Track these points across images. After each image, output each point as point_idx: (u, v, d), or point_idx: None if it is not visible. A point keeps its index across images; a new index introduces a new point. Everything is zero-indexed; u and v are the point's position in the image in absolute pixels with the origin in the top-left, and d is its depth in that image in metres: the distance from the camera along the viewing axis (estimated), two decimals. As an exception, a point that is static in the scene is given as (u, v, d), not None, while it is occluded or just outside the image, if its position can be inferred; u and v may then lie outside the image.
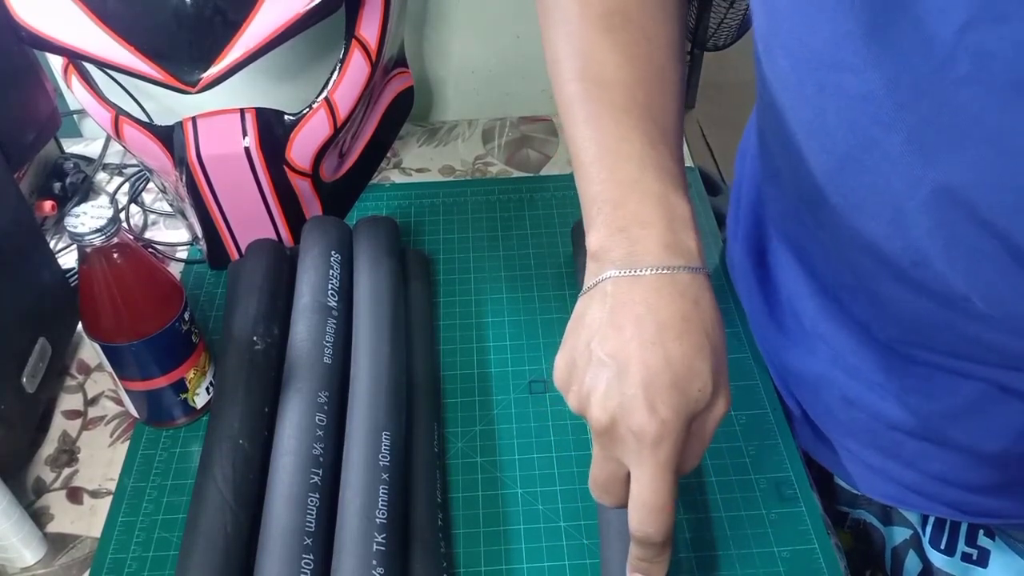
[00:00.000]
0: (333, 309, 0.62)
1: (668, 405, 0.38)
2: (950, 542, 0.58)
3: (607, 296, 0.40)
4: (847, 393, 0.53)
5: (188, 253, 0.76)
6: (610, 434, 0.39)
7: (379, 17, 0.68)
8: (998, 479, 0.50)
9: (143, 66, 0.61)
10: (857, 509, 0.66)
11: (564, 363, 0.42)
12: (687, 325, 0.39)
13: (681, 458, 0.39)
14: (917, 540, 0.61)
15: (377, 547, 0.48)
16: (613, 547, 0.50)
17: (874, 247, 0.42)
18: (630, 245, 0.40)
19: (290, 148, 0.68)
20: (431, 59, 0.89)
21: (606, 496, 0.42)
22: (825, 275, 0.50)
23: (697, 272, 0.40)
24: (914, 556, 0.61)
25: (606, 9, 0.46)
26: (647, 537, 0.40)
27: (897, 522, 0.63)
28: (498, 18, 0.86)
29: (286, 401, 0.56)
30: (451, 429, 0.61)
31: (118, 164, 0.85)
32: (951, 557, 0.58)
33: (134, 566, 0.54)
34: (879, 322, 0.48)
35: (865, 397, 0.51)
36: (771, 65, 0.42)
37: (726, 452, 0.59)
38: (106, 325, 0.54)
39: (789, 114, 0.42)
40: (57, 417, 0.63)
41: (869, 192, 0.39)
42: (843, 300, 0.50)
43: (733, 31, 1.88)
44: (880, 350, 0.49)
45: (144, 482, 0.58)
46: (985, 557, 0.57)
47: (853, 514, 0.67)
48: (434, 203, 0.80)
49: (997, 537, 0.57)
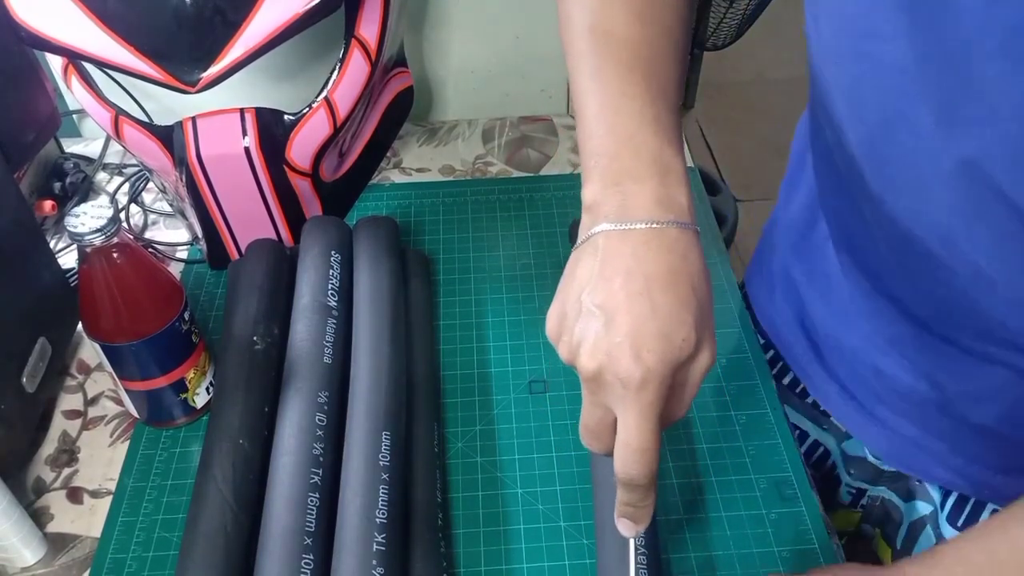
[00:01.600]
0: (333, 309, 0.62)
1: (653, 353, 0.39)
2: (968, 521, 0.58)
3: (598, 249, 0.41)
4: (879, 365, 0.54)
5: (188, 253, 0.76)
6: (598, 381, 0.40)
7: (379, 17, 0.68)
8: (1018, 461, 0.51)
9: (143, 66, 0.61)
10: (879, 486, 0.67)
11: (555, 315, 0.43)
12: (674, 278, 0.40)
13: (667, 407, 0.41)
14: (935, 516, 0.62)
15: (377, 547, 0.48)
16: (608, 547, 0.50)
17: (904, 223, 0.42)
18: (623, 199, 0.41)
19: (290, 148, 0.68)
20: (431, 59, 0.89)
21: (595, 442, 0.43)
22: (865, 250, 0.51)
23: (686, 227, 0.42)
24: (930, 532, 0.61)
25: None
26: (631, 479, 0.41)
27: (919, 496, 0.63)
28: (498, 18, 0.86)
29: (286, 401, 0.56)
30: (451, 429, 0.61)
31: (118, 164, 0.85)
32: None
33: (134, 566, 0.54)
34: (913, 300, 0.49)
35: (897, 372, 0.53)
36: (816, 33, 0.43)
37: (726, 452, 0.59)
38: (106, 325, 0.54)
39: (831, 83, 0.43)
40: (57, 417, 0.63)
41: (897, 166, 0.40)
42: (881, 276, 0.51)
43: (733, 31, 1.88)
44: (913, 329, 0.50)
45: (144, 482, 0.58)
46: None
47: (872, 491, 0.67)
48: (434, 203, 0.80)
49: None
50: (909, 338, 0.51)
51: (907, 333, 0.51)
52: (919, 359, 0.51)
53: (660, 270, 0.40)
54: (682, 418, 0.43)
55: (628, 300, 0.40)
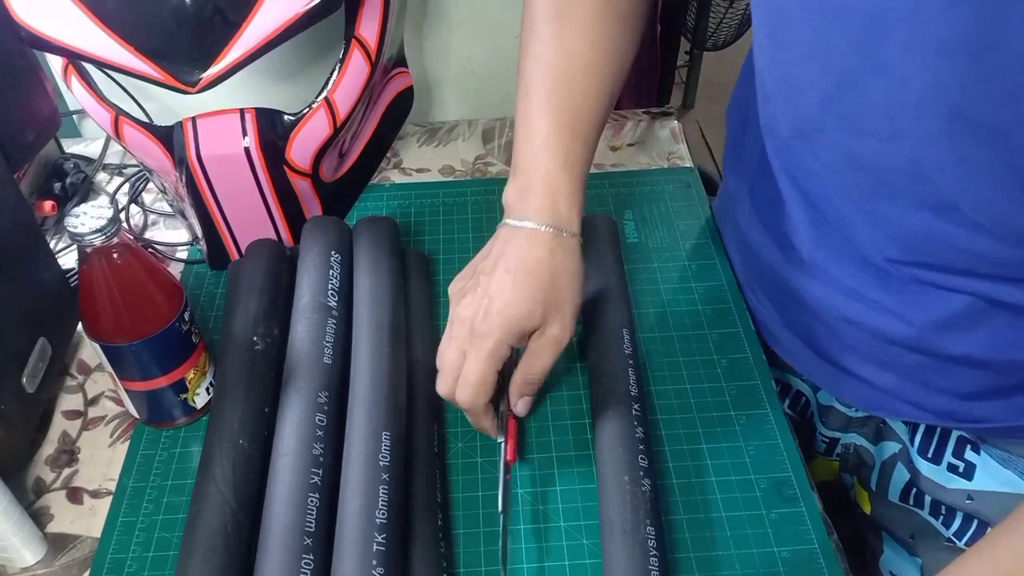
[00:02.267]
0: (333, 309, 0.62)
1: (501, 315, 0.53)
2: (937, 451, 0.62)
3: (498, 238, 0.56)
4: (846, 312, 0.57)
5: (188, 253, 0.76)
6: (463, 324, 0.54)
7: (379, 17, 0.68)
8: (986, 385, 0.55)
9: (143, 66, 0.61)
10: (849, 432, 0.69)
11: (461, 275, 0.58)
12: (536, 265, 0.53)
13: (526, 365, 0.55)
14: (905, 453, 0.64)
15: (377, 547, 0.48)
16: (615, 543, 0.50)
17: (873, 165, 0.47)
18: (521, 205, 0.56)
19: (290, 148, 0.68)
20: (431, 59, 0.89)
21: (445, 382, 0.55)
22: (823, 204, 0.54)
23: (561, 232, 0.54)
24: (902, 468, 0.65)
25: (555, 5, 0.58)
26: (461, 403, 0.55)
27: (887, 437, 0.66)
28: (498, 18, 0.86)
29: (286, 401, 0.56)
30: (451, 429, 0.61)
31: (118, 164, 0.85)
32: (937, 466, 0.62)
33: (134, 566, 0.54)
34: (877, 243, 0.52)
35: (863, 315, 0.56)
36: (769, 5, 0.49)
37: (726, 452, 0.60)
38: (106, 325, 0.54)
39: (789, 44, 0.48)
40: (57, 417, 0.63)
41: (868, 109, 0.45)
42: (841, 227, 0.54)
43: (732, 30, 1.88)
44: (877, 273, 0.53)
45: (144, 482, 0.58)
46: (971, 471, 0.60)
47: (844, 438, 0.70)
48: (434, 203, 0.80)
49: (983, 451, 0.59)
50: (873, 281, 0.54)
51: (870, 278, 0.54)
52: (885, 299, 0.54)
53: (528, 258, 0.53)
54: (539, 378, 0.55)
55: (500, 274, 0.53)
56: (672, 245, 0.75)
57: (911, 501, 0.64)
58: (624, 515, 0.51)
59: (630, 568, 0.49)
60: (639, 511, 0.51)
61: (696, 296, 0.70)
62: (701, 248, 0.75)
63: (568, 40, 0.57)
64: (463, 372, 0.54)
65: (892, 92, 0.42)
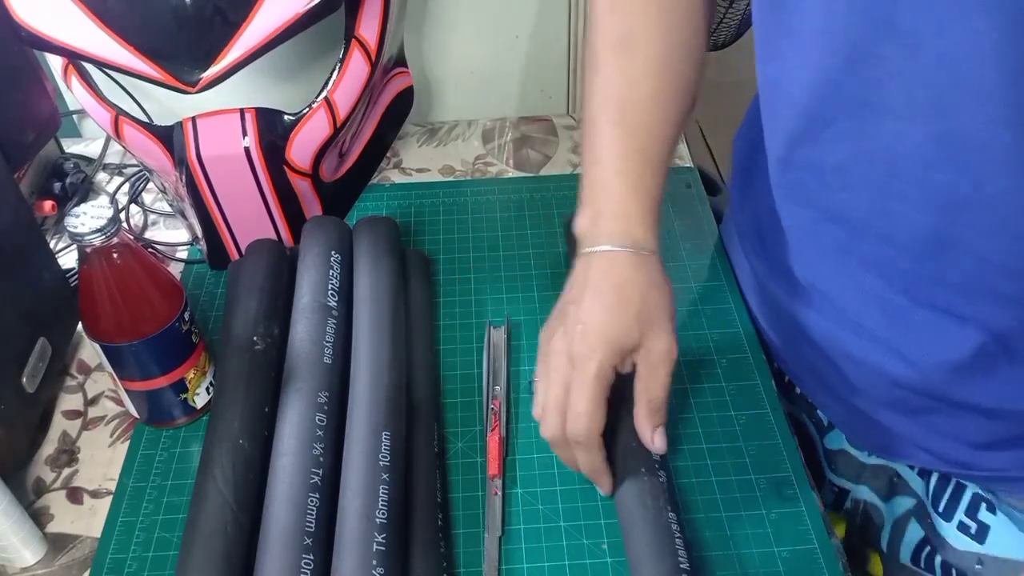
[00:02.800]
0: (333, 309, 0.62)
1: (597, 333, 0.51)
2: (949, 506, 0.60)
3: (577, 270, 0.55)
4: (851, 351, 0.56)
5: (188, 253, 0.76)
6: (559, 355, 0.52)
7: (379, 17, 0.68)
8: (998, 435, 0.53)
9: (143, 66, 0.61)
10: (860, 485, 0.67)
11: (550, 318, 0.55)
12: (623, 283, 0.52)
13: (644, 386, 0.52)
14: (920, 508, 0.62)
15: (377, 547, 0.48)
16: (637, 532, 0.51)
17: (886, 153, 0.46)
18: (594, 232, 0.55)
19: (290, 148, 0.68)
20: (431, 59, 0.89)
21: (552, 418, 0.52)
22: (830, 218, 0.53)
23: (638, 252, 0.53)
24: (915, 525, 0.63)
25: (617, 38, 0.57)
26: (575, 437, 0.51)
27: (901, 492, 0.64)
28: (498, 18, 0.86)
29: (286, 401, 0.56)
30: (451, 429, 0.61)
31: (118, 164, 0.85)
32: (948, 522, 0.60)
33: (134, 566, 0.54)
34: (888, 256, 0.50)
35: (869, 355, 0.55)
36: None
37: (726, 452, 0.59)
38: (106, 325, 0.54)
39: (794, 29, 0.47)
40: (57, 417, 0.63)
41: (878, 85, 0.43)
42: (851, 246, 0.52)
43: (733, 30, 1.87)
44: (882, 304, 0.52)
45: (144, 482, 0.58)
46: (984, 532, 0.58)
47: (854, 493, 0.68)
48: (434, 203, 0.80)
49: (999, 511, 0.58)
50: (878, 313, 0.53)
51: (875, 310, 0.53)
52: (891, 335, 0.53)
53: (613, 281, 0.52)
54: (662, 398, 0.53)
55: (589, 300, 0.52)
56: (672, 245, 0.75)
57: (922, 564, 0.62)
58: (644, 503, 0.52)
59: (656, 550, 0.49)
60: (659, 499, 0.52)
61: (696, 296, 0.71)
62: (701, 248, 0.75)
63: (631, 72, 0.57)
64: (570, 403, 0.51)
65: (904, 63, 0.41)
